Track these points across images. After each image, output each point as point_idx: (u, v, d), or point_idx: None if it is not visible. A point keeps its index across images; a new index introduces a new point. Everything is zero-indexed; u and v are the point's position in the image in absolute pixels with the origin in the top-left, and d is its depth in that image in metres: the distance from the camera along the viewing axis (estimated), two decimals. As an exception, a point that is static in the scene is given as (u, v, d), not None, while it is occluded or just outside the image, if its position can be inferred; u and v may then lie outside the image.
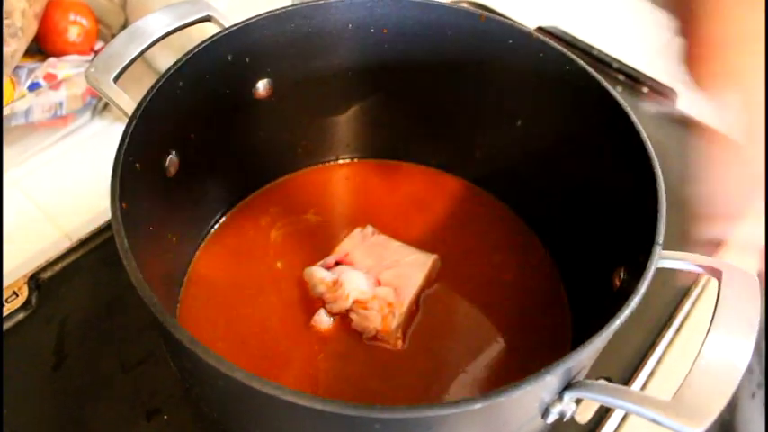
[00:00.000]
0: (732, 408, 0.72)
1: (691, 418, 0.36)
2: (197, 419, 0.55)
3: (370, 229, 0.63)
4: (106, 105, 0.81)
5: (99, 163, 0.45)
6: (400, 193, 0.68)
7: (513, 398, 0.36)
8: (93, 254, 0.66)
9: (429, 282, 0.60)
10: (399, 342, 0.56)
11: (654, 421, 0.37)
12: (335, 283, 0.57)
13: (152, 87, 0.48)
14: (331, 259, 0.60)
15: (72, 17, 0.76)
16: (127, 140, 0.45)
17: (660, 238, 0.43)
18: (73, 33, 0.76)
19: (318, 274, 0.58)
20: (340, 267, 0.59)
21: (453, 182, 0.68)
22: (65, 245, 0.66)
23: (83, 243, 0.66)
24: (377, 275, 0.59)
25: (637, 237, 0.46)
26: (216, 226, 0.64)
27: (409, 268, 0.60)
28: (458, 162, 0.67)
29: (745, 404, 0.70)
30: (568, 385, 0.41)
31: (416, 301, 0.59)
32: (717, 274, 0.43)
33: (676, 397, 0.37)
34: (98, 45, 0.80)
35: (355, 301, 0.56)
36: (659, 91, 0.85)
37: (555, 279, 0.61)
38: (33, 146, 0.77)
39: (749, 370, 0.74)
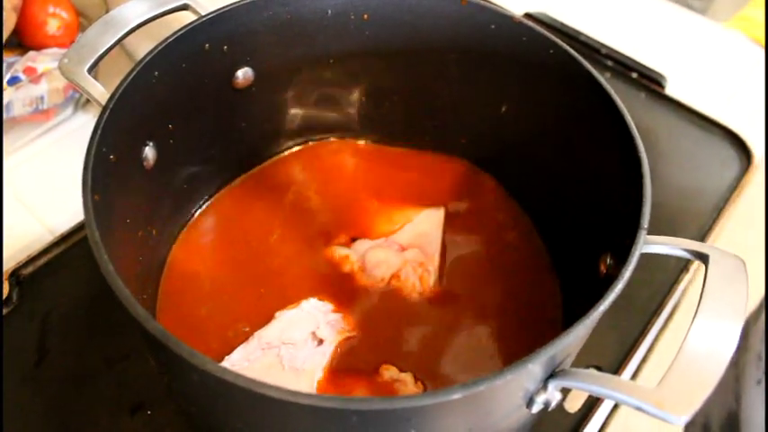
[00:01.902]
0: (738, 394, 0.71)
1: (675, 407, 0.35)
2: (180, 414, 0.55)
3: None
4: (89, 99, 0.80)
5: (82, 157, 0.44)
6: (389, 173, 0.67)
7: (494, 387, 0.35)
8: (76, 248, 0.65)
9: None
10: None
11: (638, 409, 0.36)
12: (362, 267, 0.58)
13: (125, 77, 0.47)
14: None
15: (51, 9, 0.75)
16: (99, 132, 0.44)
17: (645, 222, 0.42)
18: (53, 26, 0.75)
19: (340, 254, 0.59)
20: (359, 243, 0.60)
21: (445, 163, 0.67)
22: (47, 240, 0.66)
23: (65, 238, 0.65)
24: (396, 242, 0.60)
25: (623, 222, 0.45)
26: (195, 215, 0.63)
27: (424, 225, 0.61)
28: (446, 146, 0.67)
29: (750, 390, 0.69)
30: (553, 374, 0.40)
31: (443, 250, 0.60)
32: (703, 258, 0.43)
33: (661, 385, 0.36)
34: (79, 38, 0.79)
35: (390, 276, 0.58)
36: (648, 76, 0.84)
37: (548, 265, 0.60)
38: (15, 140, 0.76)
39: (757, 357, 0.74)
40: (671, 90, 0.84)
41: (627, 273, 0.40)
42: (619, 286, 0.39)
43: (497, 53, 0.56)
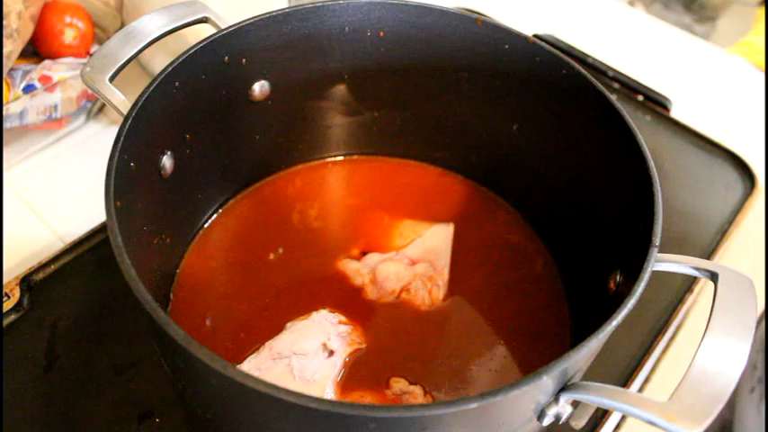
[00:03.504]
0: (731, 401, 0.72)
1: (687, 420, 0.36)
2: (189, 422, 0.55)
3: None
4: (101, 109, 0.81)
5: (93, 166, 0.45)
6: (400, 189, 0.68)
7: (509, 398, 0.35)
8: (86, 256, 0.66)
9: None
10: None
11: (650, 423, 0.37)
12: (373, 280, 0.58)
13: (147, 87, 0.48)
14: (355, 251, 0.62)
15: (68, 20, 0.76)
16: (122, 139, 0.45)
17: (657, 239, 0.43)
18: (69, 36, 0.76)
19: (351, 267, 0.59)
20: (369, 257, 0.60)
21: (456, 180, 0.68)
22: (58, 247, 0.66)
23: (76, 245, 0.66)
24: (407, 255, 0.61)
25: (634, 239, 0.46)
26: (206, 224, 0.63)
27: (433, 240, 0.62)
28: (457, 163, 0.67)
29: (744, 398, 0.70)
30: (564, 387, 0.40)
31: (452, 265, 0.61)
32: (713, 276, 0.43)
33: (673, 399, 0.37)
34: (94, 48, 0.80)
35: (400, 289, 0.58)
36: (654, 99, 0.85)
37: (556, 283, 0.61)
38: (27, 148, 0.76)
39: (752, 366, 0.75)
40: (676, 113, 0.85)
41: (639, 289, 0.41)
42: (631, 302, 0.40)
43: (510, 72, 0.57)
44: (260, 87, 0.59)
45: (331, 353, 0.54)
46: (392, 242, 0.62)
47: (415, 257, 0.60)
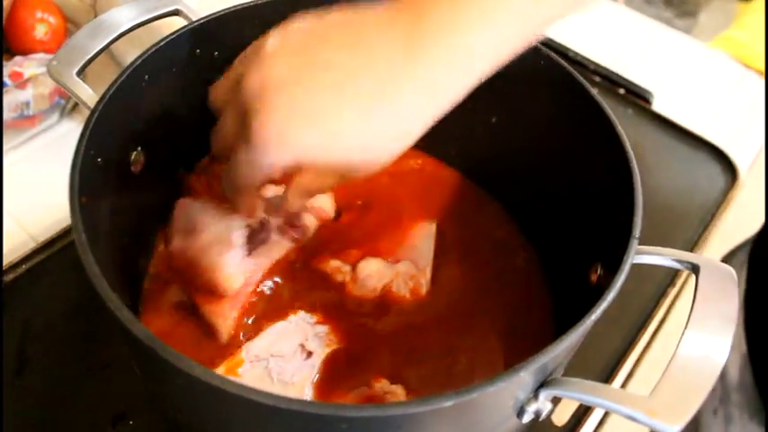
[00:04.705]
0: (696, 424, 0.71)
1: (668, 415, 0.35)
2: (163, 424, 0.54)
3: None
4: (75, 106, 0.79)
5: (66, 165, 0.43)
6: (381, 186, 0.66)
7: (486, 395, 0.34)
8: (59, 256, 0.64)
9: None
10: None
11: (630, 418, 0.36)
12: (354, 278, 0.57)
13: (115, 80, 0.47)
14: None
15: (39, 15, 0.74)
16: (87, 133, 0.43)
17: (637, 231, 0.42)
18: (40, 31, 0.75)
19: (331, 265, 0.58)
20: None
21: (441, 171, 0.67)
22: (29, 246, 0.65)
23: (48, 245, 0.64)
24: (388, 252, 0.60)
25: (614, 232, 0.45)
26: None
27: (416, 239, 0.61)
28: (436, 158, 0.67)
29: (708, 421, 0.70)
30: (544, 383, 0.40)
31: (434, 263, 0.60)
32: (694, 268, 0.43)
33: (654, 393, 0.36)
34: (66, 44, 0.79)
35: (382, 288, 0.57)
36: (635, 92, 0.85)
37: (540, 277, 0.60)
38: (-1, 146, 0.75)
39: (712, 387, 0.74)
40: (657, 106, 0.85)
41: (619, 281, 0.40)
42: (611, 295, 0.39)
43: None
44: (233, 81, 0.57)
45: (309, 354, 0.53)
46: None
47: (397, 255, 0.59)
